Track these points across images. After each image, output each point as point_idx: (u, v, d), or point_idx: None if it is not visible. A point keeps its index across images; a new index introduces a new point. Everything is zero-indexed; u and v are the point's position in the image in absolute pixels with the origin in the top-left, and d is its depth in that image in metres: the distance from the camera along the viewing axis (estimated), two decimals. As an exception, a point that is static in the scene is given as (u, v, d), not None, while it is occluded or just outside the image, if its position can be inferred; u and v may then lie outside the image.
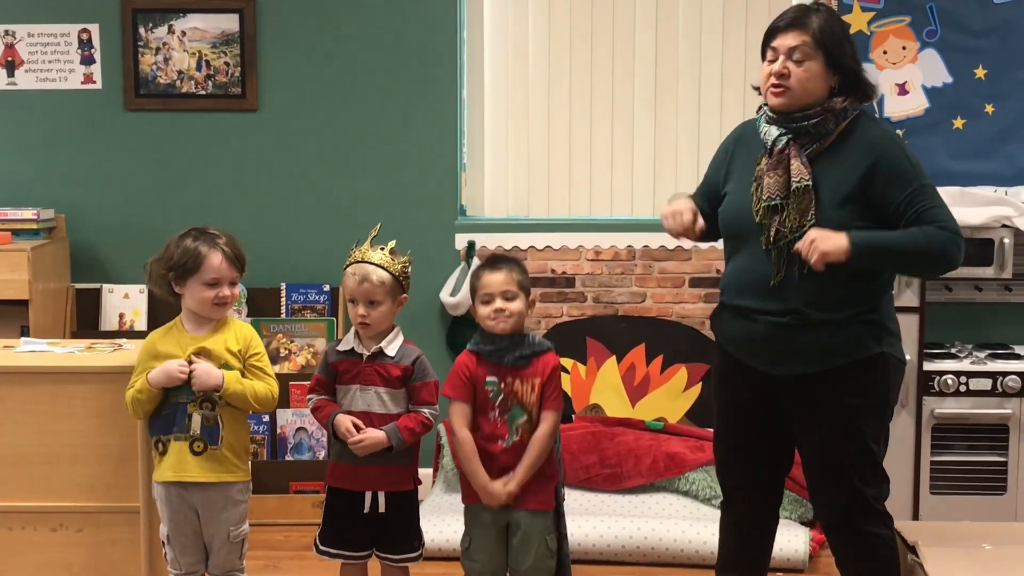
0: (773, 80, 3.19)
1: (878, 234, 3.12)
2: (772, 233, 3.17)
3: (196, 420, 3.41)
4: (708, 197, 3.43)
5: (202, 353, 3.43)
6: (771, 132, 3.23)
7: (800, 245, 3.09)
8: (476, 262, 5.06)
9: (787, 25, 3.20)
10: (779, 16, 3.26)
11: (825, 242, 3.06)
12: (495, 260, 3.52)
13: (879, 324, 3.22)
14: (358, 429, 3.41)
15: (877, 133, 3.20)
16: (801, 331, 3.18)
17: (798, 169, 3.15)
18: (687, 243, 5.10)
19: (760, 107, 3.32)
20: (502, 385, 3.44)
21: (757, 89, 3.30)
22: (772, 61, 3.20)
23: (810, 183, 3.14)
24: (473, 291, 3.52)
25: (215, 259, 3.42)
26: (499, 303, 3.43)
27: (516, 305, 3.44)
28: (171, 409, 3.43)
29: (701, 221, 3.28)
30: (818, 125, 3.18)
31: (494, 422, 3.44)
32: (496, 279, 3.45)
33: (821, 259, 3.05)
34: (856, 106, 3.22)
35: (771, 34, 3.23)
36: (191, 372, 3.38)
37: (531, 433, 3.43)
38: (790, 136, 3.20)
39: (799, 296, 3.16)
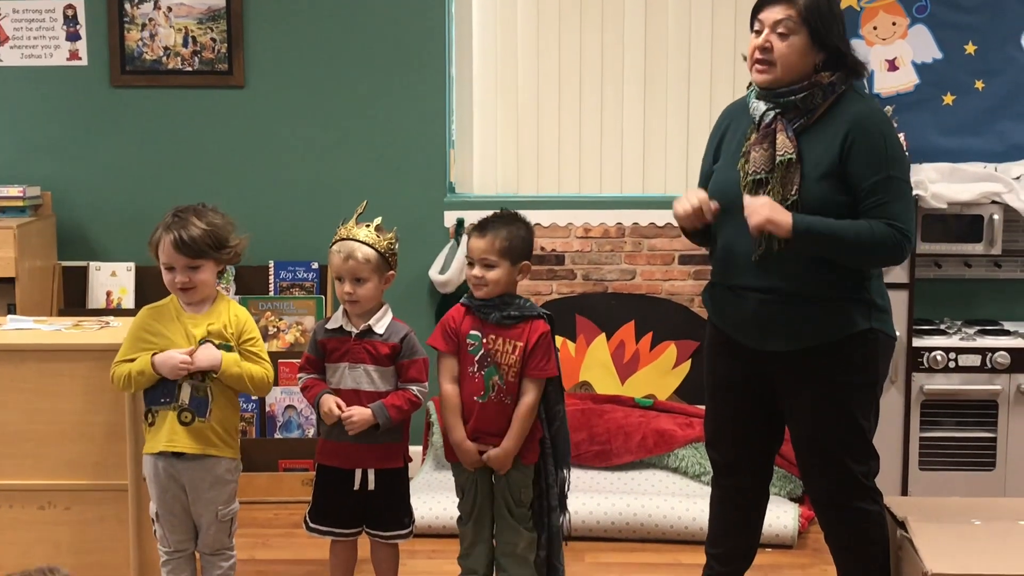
0: (757, 55, 3.19)
1: (824, 221, 3.11)
2: None
3: (185, 390, 3.40)
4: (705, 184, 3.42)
5: (207, 341, 3.41)
6: (759, 107, 3.23)
7: (747, 202, 3.11)
8: (465, 239, 5.05)
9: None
10: None
11: (772, 210, 3.08)
12: (485, 223, 3.52)
13: (868, 301, 3.22)
14: (340, 409, 3.41)
15: (862, 108, 3.19)
16: (790, 307, 3.18)
17: (783, 143, 3.15)
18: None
19: (750, 83, 3.31)
20: (484, 341, 3.45)
21: (746, 58, 3.29)
22: (758, 33, 3.20)
23: (794, 157, 3.14)
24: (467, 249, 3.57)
25: (165, 243, 3.39)
26: (477, 270, 3.44)
27: (494, 274, 3.45)
28: (161, 380, 3.41)
29: (715, 203, 3.25)
30: (805, 99, 3.17)
31: (472, 376, 3.46)
32: (479, 245, 3.47)
33: (760, 224, 3.08)
34: (845, 81, 3.21)
35: (759, 6, 3.23)
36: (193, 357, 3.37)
37: (506, 394, 3.46)
38: (778, 111, 3.19)
39: (782, 271, 3.16)
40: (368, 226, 3.48)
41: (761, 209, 3.09)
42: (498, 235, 3.46)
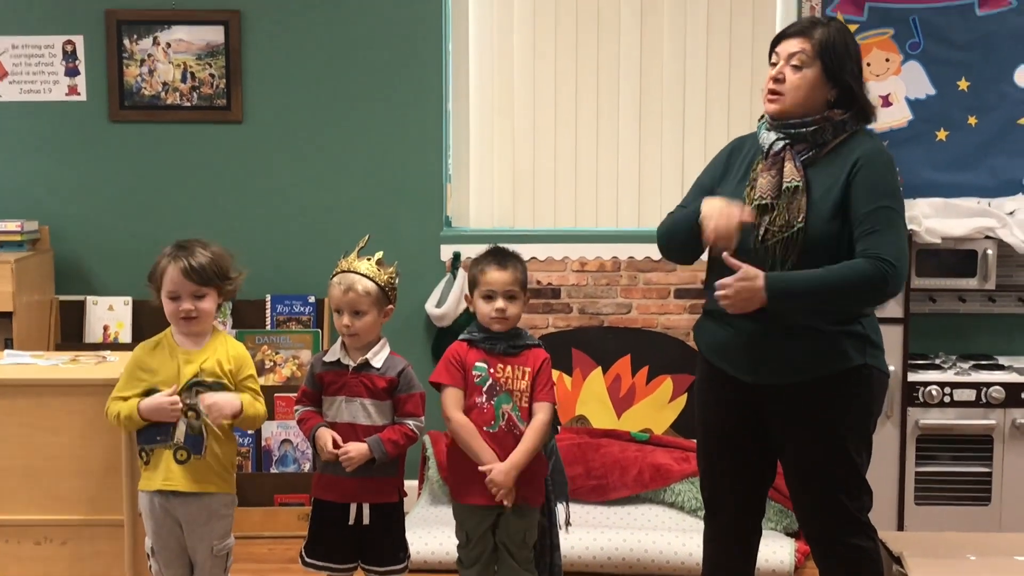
0: (769, 85, 3.23)
1: (797, 276, 3.10)
2: (762, 232, 3.18)
3: (180, 428, 3.40)
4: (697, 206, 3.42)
5: (198, 383, 3.41)
6: (769, 137, 3.26)
7: (723, 283, 3.10)
8: (462, 273, 5.06)
9: (793, 32, 3.26)
10: (791, 24, 3.33)
11: (738, 296, 3.08)
12: (502, 256, 3.55)
13: (863, 335, 3.21)
14: (336, 444, 3.41)
15: (870, 146, 3.21)
16: (784, 339, 3.18)
17: (791, 171, 3.17)
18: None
19: (762, 115, 3.34)
20: (491, 371, 3.47)
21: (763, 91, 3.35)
22: (774, 65, 3.25)
23: (801, 184, 3.15)
24: (473, 281, 3.54)
25: (173, 272, 3.40)
26: (501, 303, 3.47)
27: (516, 308, 3.52)
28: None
29: (748, 210, 3.19)
30: (815, 133, 3.20)
31: (480, 407, 3.47)
32: (502, 277, 3.49)
33: (732, 308, 3.10)
34: (856, 122, 3.24)
35: (777, 40, 3.29)
36: (205, 407, 3.37)
37: (517, 421, 3.47)
38: (787, 142, 3.22)
39: None
40: (369, 259, 3.50)
41: (728, 294, 3.09)
42: (516, 267, 3.54)
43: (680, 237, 3.35)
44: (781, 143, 3.23)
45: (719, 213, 3.13)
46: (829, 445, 3.22)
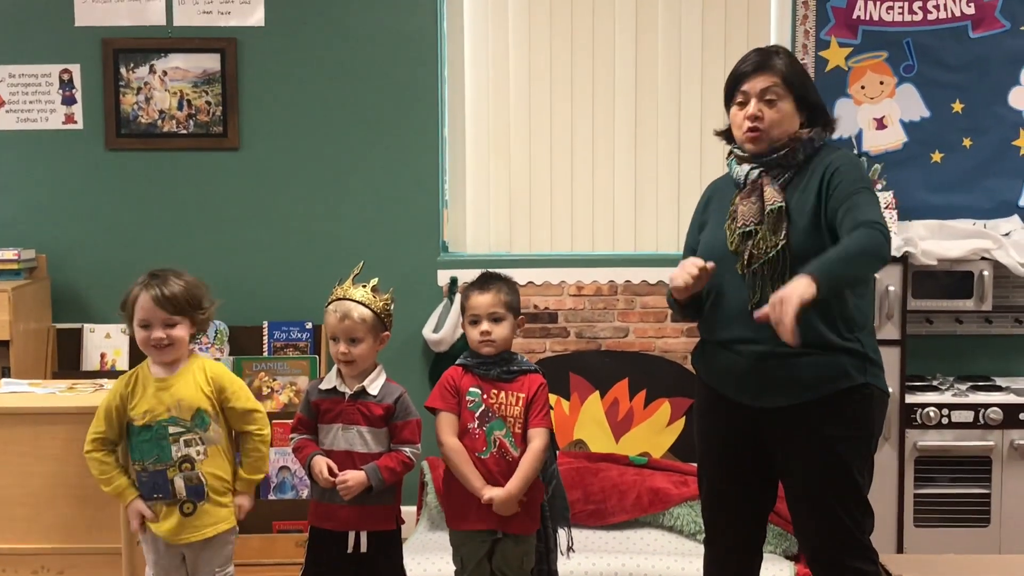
0: (748, 125, 3.23)
1: (827, 258, 3.02)
2: (747, 257, 3.19)
3: (179, 484, 3.39)
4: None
5: (186, 428, 3.41)
6: (743, 169, 3.27)
7: (766, 311, 2.95)
8: (459, 299, 5.06)
9: (754, 69, 3.25)
10: (741, 60, 3.31)
11: (789, 298, 2.90)
12: (485, 280, 3.56)
13: (863, 354, 3.21)
14: (332, 472, 3.40)
15: (836, 155, 3.24)
16: (786, 360, 3.17)
17: (771, 194, 3.19)
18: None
19: (730, 151, 3.35)
20: (484, 397, 3.47)
21: (721, 134, 3.37)
22: (743, 104, 3.25)
23: (783, 205, 3.17)
24: (463, 309, 3.56)
25: (144, 300, 3.40)
26: (485, 325, 3.47)
27: (501, 329, 3.51)
28: (150, 476, 3.40)
29: (710, 263, 3.19)
30: (786, 156, 3.22)
31: (472, 432, 3.46)
32: (483, 301, 3.50)
33: (793, 312, 2.89)
34: (822, 137, 3.26)
35: (738, 79, 3.28)
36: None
37: (510, 447, 3.47)
38: (761, 169, 3.23)
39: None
40: (365, 286, 3.49)
41: (783, 306, 2.91)
42: (500, 289, 3.53)
43: (675, 313, 3.47)
44: (756, 171, 3.25)
45: (678, 269, 3.18)
46: (831, 465, 3.21)
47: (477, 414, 3.48)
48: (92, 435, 3.43)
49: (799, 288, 2.91)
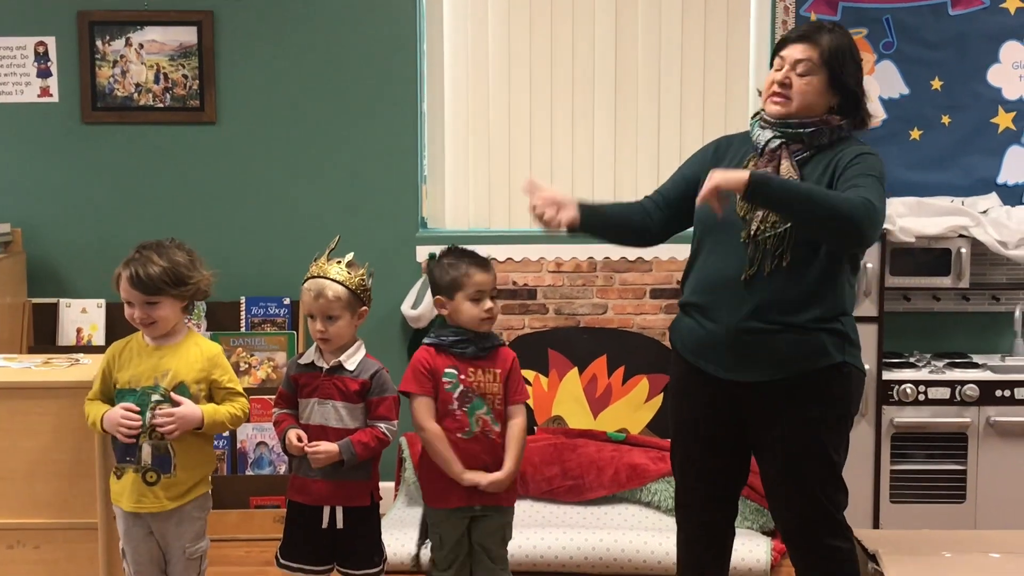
0: (775, 88, 3.23)
1: (789, 181, 3.07)
2: (753, 228, 3.17)
3: (146, 451, 3.37)
4: (674, 193, 3.41)
5: (158, 401, 3.38)
6: (765, 134, 3.25)
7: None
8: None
9: (798, 37, 3.25)
10: (793, 27, 3.31)
11: (717, 178, 2.99)
12: (477, 256, 3.54)
13: (843, 333, 3.22)
14: (302, 441, 3.40)
15: (859, 147, 3.22)
16: (763, 336, 3.17)
17: (787, 168, 3.17)
18: (648, 254, 5.15)
19: (756, 113, 3.34)
20: (461, 377, 3.46)
21: (760, 92, 3.34)
22: (778, 69, 3.25)
23: (798, 181, 3.15)
24: (455, 284, 3.49)
25: (123, 280, 3.37)
26: (489, 303, 3.48)
27: (497, 306, 3.58)
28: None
29: (573, 212, 3.22)
30: (813, 135, 3.21)
31: (454, 414, 3.46)
32: (488, 278, 3.52)
33: (713, 189, 2.97)
34: (851, 131, 3.25)
35: (782, 43, 3.29)
36: (166, 425, 3.33)
37: (492, 423, 3.47)
38: (783, 140, 3.22)
39: (765, 293, 3.14)
40: (340, 262, 3.46)
41: (710, 178, 2.99)
42: (492, 266, 3.56)
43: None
44: (777, 141, 3.23)
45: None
46: (807, 442, 3.22)
47: (456, 395, 3.47)
48: (90, 395, 3.45)
49: (733, 176, 3.00)
